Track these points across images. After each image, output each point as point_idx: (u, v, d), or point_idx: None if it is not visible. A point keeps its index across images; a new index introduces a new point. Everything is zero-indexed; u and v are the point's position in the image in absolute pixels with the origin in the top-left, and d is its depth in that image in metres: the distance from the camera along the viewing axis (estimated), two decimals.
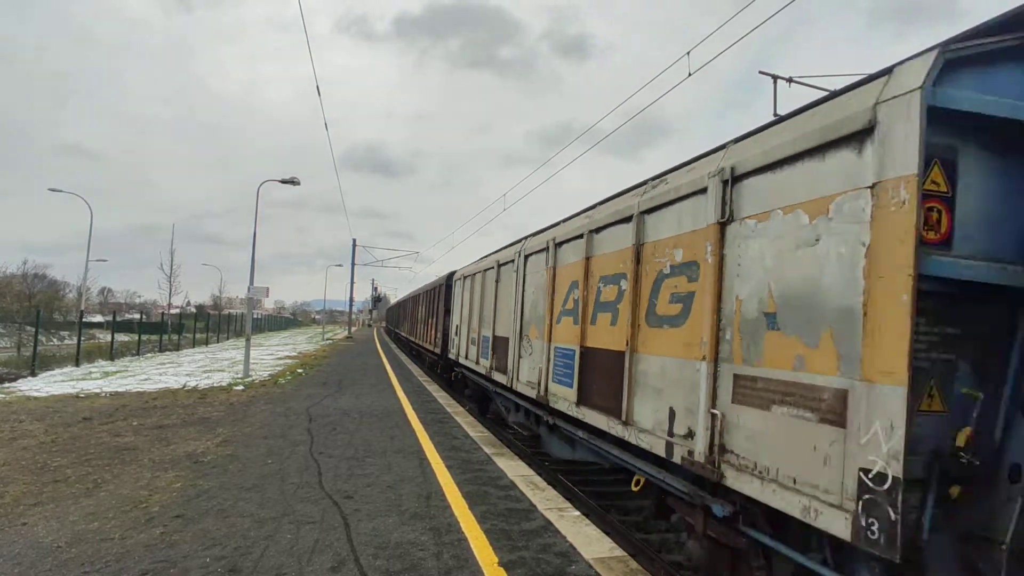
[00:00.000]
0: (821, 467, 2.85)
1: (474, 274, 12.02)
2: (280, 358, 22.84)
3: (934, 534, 2.67)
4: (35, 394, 11.87)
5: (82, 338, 21.02)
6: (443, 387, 14.96)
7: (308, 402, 11.02)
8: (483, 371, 10.53)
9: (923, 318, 2.69)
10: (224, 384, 13.76)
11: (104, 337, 27.93)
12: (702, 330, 3.86)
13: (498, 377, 9.41)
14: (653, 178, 5.09)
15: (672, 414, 4.21)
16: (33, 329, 20.37)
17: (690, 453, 3.91)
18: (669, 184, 4.62)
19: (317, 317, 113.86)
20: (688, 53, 7.55)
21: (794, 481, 3.03)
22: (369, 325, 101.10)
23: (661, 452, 4.28)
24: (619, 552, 4.10)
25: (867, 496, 2.55)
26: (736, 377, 3.55)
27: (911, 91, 2.56)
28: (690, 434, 3.96)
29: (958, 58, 2.70)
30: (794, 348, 3.12)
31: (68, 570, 3.63)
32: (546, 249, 7.29)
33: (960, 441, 2.66)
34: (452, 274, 15.81)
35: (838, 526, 2.68)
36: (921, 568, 2.66)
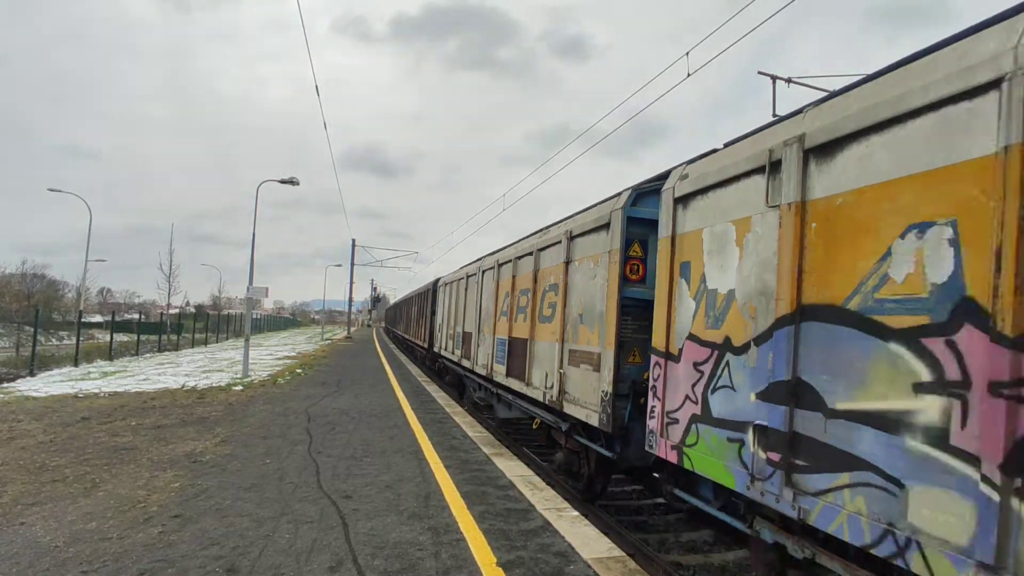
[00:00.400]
0: (592, 393, 5.71)
1: (452, 282, 15.07)
2: (279, 358, 22.95)
3: (631, 421, 5.27)
4: (34, 394, 11.92)
5: (81, 338, 21.18)
6: (442, 387, 15.02)
7: (307, 402, 11.06)
8: (456, 359, 13.63)
9: (630, 318, 5.36)
10: (223, 384, 13.81)
11: (103, 337, 28.04)
12: (558, 324, 6.72)
13: (465, 363, 12.43)
14: (544, 228, 8.21)
15: (546, 375, 7.07)
16: (32, 329, 20.38)
17: (552, 397, 6.76)
18: (550, 234, 7.50)
19: (316, 317, 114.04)
20: (687, 54, 7.57)
21: (585, 403, 5.88)
22: (368, 325, 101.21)
23: (541, 398, 7.17)
24: (617, 552, 4.14)
25: (603, 403, 5.38)
26: (570, 351, 6.41)
27: (618, 208, 5.49)
28: (552, 385, 6.79)
29: (643, 192, 5.49)
30: (588, 333, 5.97)
31: (66, 569, 3.65)
32: (494, 268, 10.21)
33: (645, 376, 5.04)
34: (437, 280, 18.79)
35: (595, 421, 5.55)
36: (627, 437, 5.33)
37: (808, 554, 3.21)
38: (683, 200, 4.45)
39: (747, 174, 3.71)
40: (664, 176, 5.03)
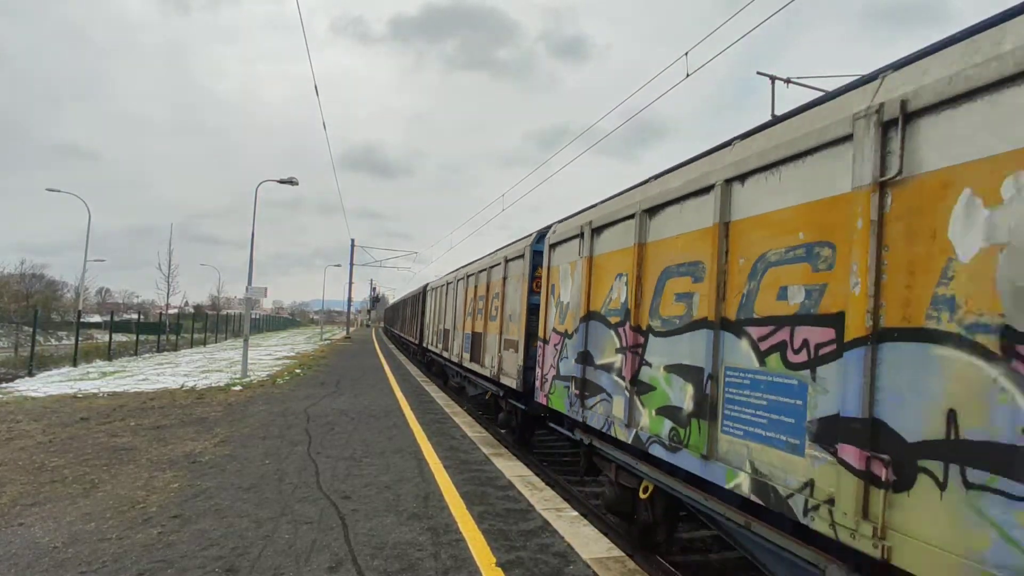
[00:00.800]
0: (514, 367, 9.08)
1: (437, 287, 18.33)
2: (278, 358, 23.18)
3: (534, 384, 7.91)
4: (32, 394, 12.08)
5: (80, 338, 21.29)
6: (441, 387, 15.08)
7: (306, 402, 11.17)
8: (439, 351, 17.28)
9: (535, 317, 8.21)
10: (222, 384, 13.94)
11: (102, 337, 28.26)
12: (499, 322, 9.99)
13: (445, 354, 15.98)
14: (494, 251, 11.73)
15: (492, 358, 10.37)
16: (30, 329, 20.36)
17: (494, 372, 10.03)
18: (497, 256, 10.90)
19: (315, 317, 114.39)
20: (686, 54, 7.57)
21: (511, 374, 9.19)
22: (368, 325, 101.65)
23: (489, 375, 10.45)
24: (616, 552, 4.17)
25: (519, 373, 8.74)
26: (505, 340, 9.68)
27: (528, 245, 9.01)
28: (495, 365, 10.03)
29: (543, 234, 8.24)
30: (513, 327, 9.32)
31: (65, 570, 3.69)
32: (464, 278, 13.74)
33: None
34: (427, 285, 22.25)
35: (516, 385, 8.88)
36: (532, 396, 7.97)
37: (588, 440, 6.12)
38: (553, 246, 7.27)
39: (573, 237, 6.57)
40: (550, 227, 7.94)
